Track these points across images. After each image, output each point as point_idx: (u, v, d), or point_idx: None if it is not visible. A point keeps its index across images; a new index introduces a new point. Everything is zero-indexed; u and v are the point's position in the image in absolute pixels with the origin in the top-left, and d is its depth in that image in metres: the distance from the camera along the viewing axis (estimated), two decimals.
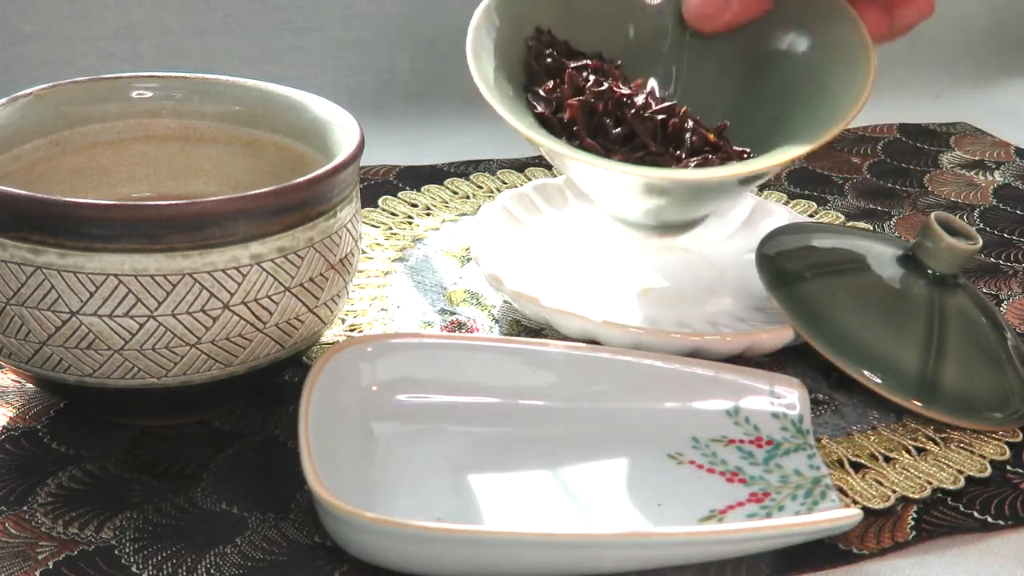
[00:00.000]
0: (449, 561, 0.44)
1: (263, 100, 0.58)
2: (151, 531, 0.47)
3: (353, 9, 0.94)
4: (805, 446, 0.52)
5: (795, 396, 0.53)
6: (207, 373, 0.49)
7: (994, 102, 1.05)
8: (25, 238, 0.46)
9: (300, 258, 0.49)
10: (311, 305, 0.50)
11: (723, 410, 0.53)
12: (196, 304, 0.47)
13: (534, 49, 0.62)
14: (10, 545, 0.46)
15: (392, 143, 0.86)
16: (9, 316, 0.47)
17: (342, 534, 0.44)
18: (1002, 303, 0.68)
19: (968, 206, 0.82)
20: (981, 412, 0.55)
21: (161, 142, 0.59)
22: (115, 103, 0.58)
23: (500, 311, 0.63)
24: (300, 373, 0.56)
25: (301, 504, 0.48)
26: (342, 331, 0.61)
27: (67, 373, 0.48)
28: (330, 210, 0.50)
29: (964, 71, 1.10)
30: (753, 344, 0.58)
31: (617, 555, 0.45)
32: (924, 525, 0.49)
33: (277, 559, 0.46)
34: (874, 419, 0.56)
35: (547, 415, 0.53)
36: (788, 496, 0.49)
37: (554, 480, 0.50)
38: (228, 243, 0.46)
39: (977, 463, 0.53)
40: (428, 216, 0.74)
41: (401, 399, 0.52)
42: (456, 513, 0.47)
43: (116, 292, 0.46)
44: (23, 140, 0.55)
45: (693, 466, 0.51)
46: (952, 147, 0.93)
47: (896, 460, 0.53)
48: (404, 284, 0.66)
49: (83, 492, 0.49)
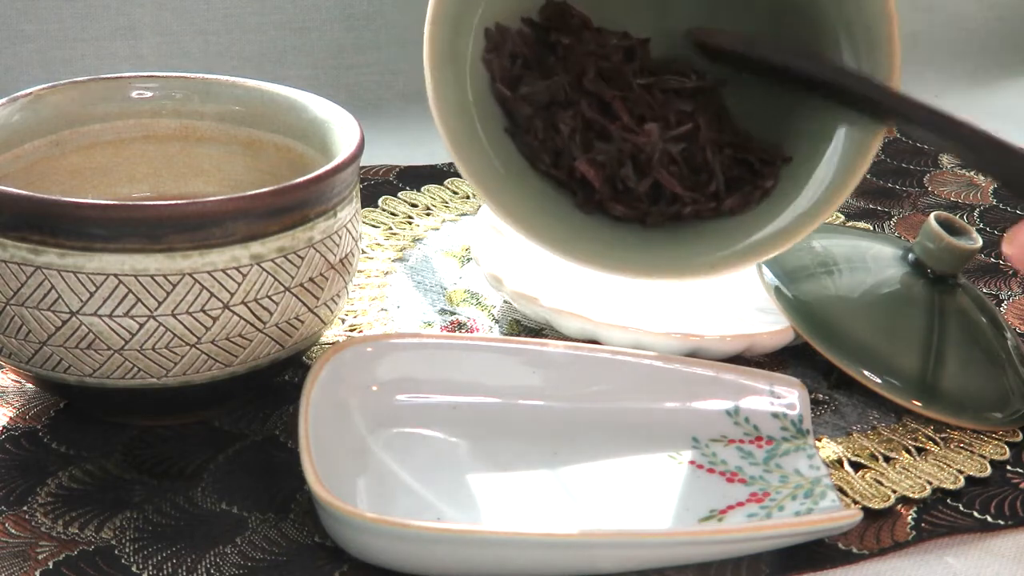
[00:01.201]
0: (449, 561, 0.44)
1: (263, 100, 0.58)
2: (151, 531, 0.47)
3: (353, 9, 0.94)
4: (805, 446, 0.52)
5: (795, 396, 0.53)
6: (207, 373, 0.49)
7: (994, 102, 1.05)
8: (25, 238, 0.46)
9: (300, 258, 0.49)
10: (311, 305, 0.50)
11: (723, 410, 0.53)
12: (196, 304, 0.47)
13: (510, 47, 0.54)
14: (10, 545, 0.46)
15: (392, 143, 0.85)
16: (9, 316, 0.47)
17: (342, 534, 0.44)
18: (1002, 303, 0.68)
19: (968, 206, 0.82)
20: (981, 412, 0.55)
21: (161, 142, 0.59)
22: (115, 103, 0.58)
23: (500, 311, 0.63)
24: (300, 373, 0.56)
25: (301, 504, 0.48)
26: (342, 331, 0.61)
27: (67, 373, 0.48)
28: (330, 210, 0.50)
29: (964, 71, 1.10)
30: (753, 344, 0.58)
31: (617, 555, 0.45)
32: (924, 525, 0.49)
33: (277, 559, 0.46)
34: (874, 419, 0.56)
35: (547, 415, 0.53)
36: (788, 496, 0.49)
37: (554, 480, 0.50)
38: (228, 243, 0.46)
39: (977, 463, 0.53)
40: (428, 216, 0.74)
41: (401, 399, 0.52)
42: (456, 513, 0.47)
43: (116, 292, 0.46)
44: (23, 140, 0.55)
45: (693, 466, 0.51)
46: None
47: (896, 460, 0.53)
48: (404, 284, 0.66)
49: (83, 492, 0.49)
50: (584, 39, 0.55)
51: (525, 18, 0.55)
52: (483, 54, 0.53)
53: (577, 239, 0.51)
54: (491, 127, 0.53)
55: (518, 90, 0.54)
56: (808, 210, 0.52)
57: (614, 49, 0.55)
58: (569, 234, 0.52)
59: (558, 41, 0.55)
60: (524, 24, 0.55)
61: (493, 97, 0.54)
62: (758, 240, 0.52)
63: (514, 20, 0.55)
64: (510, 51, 0.54)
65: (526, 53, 0.54)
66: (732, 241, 0.52)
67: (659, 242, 0.53)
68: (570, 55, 0.54)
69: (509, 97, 0.53)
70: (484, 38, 0.53)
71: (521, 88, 0.54)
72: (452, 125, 0.51)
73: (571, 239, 0.51)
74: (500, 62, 0.54)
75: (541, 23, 0.55)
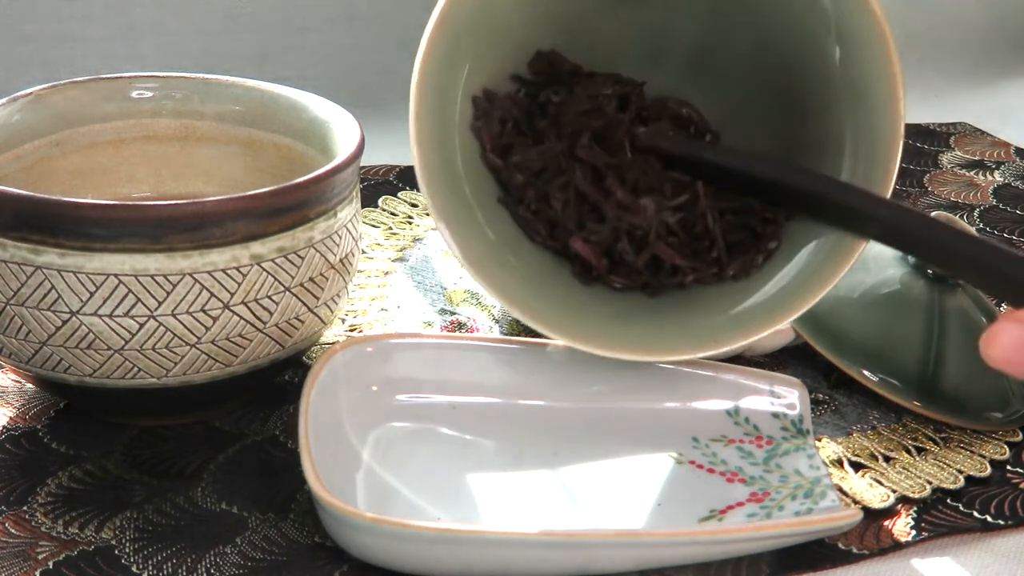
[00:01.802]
0: (449, 561, 0.44)
1: (263, 100, 0.58)
2: (151, 531, 0.47)
3: (353, 9, 0.94)
4: (805, 446, 0.52)
5: (795, 396, 0.53)
6: (207, 373, 0.49)
7: (994, 102, 1.05)
8: (25, 238, 0.46)
9: (300, 258, 0.49)
10: (311, 305, 0.50)
11: (723, 410, 0.53)
12: (196, 304, 0.47)
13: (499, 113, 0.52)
14: (10, 545, 0.46)
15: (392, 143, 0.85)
16: (9, 316, 0.47)
17: (342, 534, 0.44)
18: (1002, 303, 0.68)
19: (968, 206, 0.82)
20: (981, 412, 0.55)
21: (161, 142, 0.59)
22: (115, 103, 0.58)
23: (500, 311, 0.63)
24: (300, 373, 0.56)
25: (301, 504, 0.48)
26: (342, 331, 0.61)
27: (67, 373, 0.48)
28: (330, 210, 0.50)
29: (964, 71, 1.10)
30: (753, 344, 0.57)
31: (617, 555, 0.45)
32: (924, 525, 0.49)
33: (277, 559, 0.46)
34: (874, 419, 0.56)
35: (547, 415, 0.53)
36: (788, 496, 0.49)
37: (554, 480, 0.50)
38: (228, 243, 0.46)
39: (977, 463, 0.53)
40: (428, 216, 0.74)
41: (401, 399, 0.52)
42: (456, 513, 0.47)
43: (116, 292, 0.46)
44: (23, 140, 0.55)
45: (693, 466, 0.51)
46: (952, 147, 0.93)
47: (896, 460, 0.53)
48: (404, 284, 0.66)
49: (83, 492, 0.49)
50: (575, 94, 0.53)
51: (514, 75, 0.53)
52: (471, 123, 0.52)
53: (575, 317, 0.50)
54: (484, 197, 0.52)
55: (510, 158, 0.52)
56: (820, 267, 0.49)
57: (607, 99, 0.54)
58: (567, 312, 0.50)
59: (548, 100, 0.53)
60: (514, 81, 0.53)
61: (484, 167, 0.52)
62: (766, 305, 0.50)
63: (503, 79, 0.53)
64: (499, 116, 0.52)
65: (516, 116, 0.53)
66: (738, 307, 0.50)
67: (662, 311, 0.52)
68: (563, 113, 0.53)
69: (500, 166, 0.52)
70: (472, 105, 0.51)
71: (513, 156, 0.52)
72: (440, 198, 0.49)
73: (569, 318, 0.49)
74: (489, 130, 0.52)
75: (531, 78, 0.54)
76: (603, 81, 0.54)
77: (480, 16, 0.50)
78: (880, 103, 0.49)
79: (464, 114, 0.51)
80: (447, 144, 0.50)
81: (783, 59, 0.52)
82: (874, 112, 0.49)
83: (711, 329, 0.50)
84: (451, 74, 0.50)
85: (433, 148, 0.49)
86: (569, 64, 0.54)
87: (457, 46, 0.50)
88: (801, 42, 0.51)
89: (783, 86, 0.53)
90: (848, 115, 0.50)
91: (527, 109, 0.54)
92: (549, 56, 0.54)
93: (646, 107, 0.55)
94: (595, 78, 0.54)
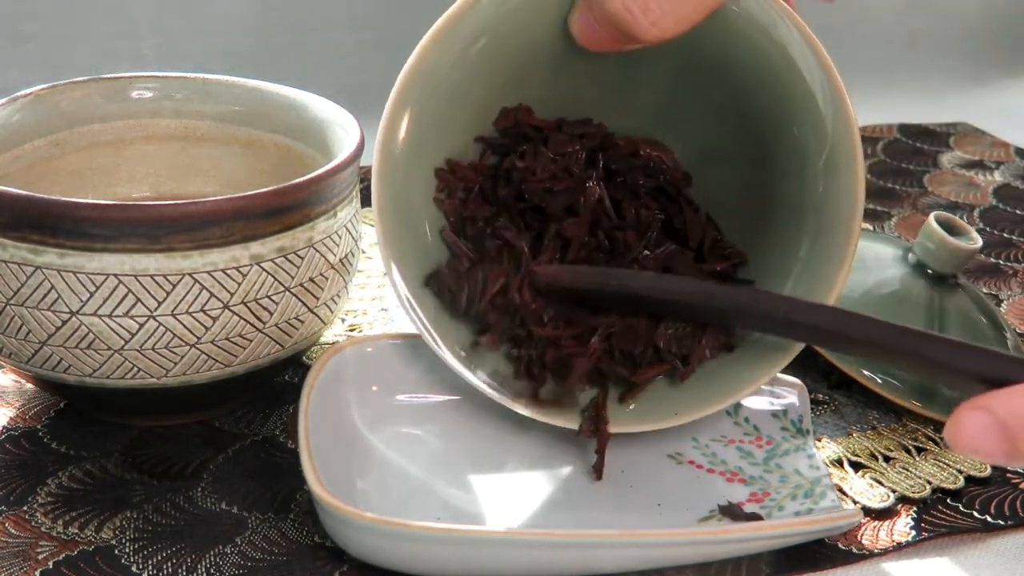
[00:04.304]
0: (449, 561, 0.44)
1: (263, 100, 0.58)
2: (151, 531, 0.47)
3: (353, 9, 0.94)
4: (805, 446, 0.52)
5: (795, 396, 0.53)
6: (207, 373, 0.49)
7: (994, 102, 1.05)
8: (25, 238, 0.46)
9: (300, 258, 0.49)
10: (311, 305, 0.50)
11: (723, 410, 0.53)
12: (196, 304, 0.47)
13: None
14: (10, 545, 0.46)
15: None
16: (9, 316, 0.47)
17: (342, 534, 0.44)
18: (1002, 303, 0.68)
19: (968, 206, 0.82)
20: None
21: (161, 142, 0.59)
22: (115, 103, 0.58)
23: None
24: (300, 373, 0.56)
25: (301, 504, 0.48)
26: (342, 331, 0.61)
27: (67, 373, 0.48)
28: (330, 210, 0.50)
29: (964, 71, 1.10)
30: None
31: (617, 555, 0.45)
32: (924, 525, 0.49)
33: (277, 559, 0.46)
34: (874, 419, 0.56)
35: None
36: (788, 496, 0.49)
37: (554, 480, 0.50)
38: (228, 243, 0.46)
39: (977, 463, 0.53)
40: None
41: (401, 399, 0.52)
42: (456, 513, 0.47)
43: (116, 292, 0.46)
44: (23, 140, 0.55)
45: (693, 466, 0.51)
46: (952, 147, 0.93)
47: (896, 460, 0.53)
48: None
49: (83, 492, 0.49)
50: (541, 153, 0.51)
51: (478, 137, 0.52)
52: (434, 194, 0.50)
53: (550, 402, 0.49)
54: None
55: (463, 235, 0.50)
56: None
57: (574, 158, 0.51)
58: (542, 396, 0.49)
59: (513, 166, 0.51)
60: (479, 143, 0.52)
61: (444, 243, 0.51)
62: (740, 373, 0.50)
63: (470, 143, 0.51)
64: (463, 187, 0.51)
65: (481, 184, 0.51)
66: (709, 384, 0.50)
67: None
68: (526, 179, 0.51)
69: (453, 242, 0.50)
70: (436, 177, 0.50)
71: (462, 269, 0.50)
72: (404, 275, 0.48)
73: (542, 404, 0.49)
74: (452, 203, 0.51)
75: (498, 139, 0.52)
76: (568, 139, 0.52)
77: (439, 84, 0.48)
78: (844, 178, 0.48)
79: (430, 187, 0.50)
80: (414, 219, 0.50)
81: (753, 117, 0.51)
82: (839, 185, 0.48)
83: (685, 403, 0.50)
84: (414, 149, 0.49)
85: (397, 223, 0.48)
86: (536, 120, 0.52)
87: (419, 124, 0.48)
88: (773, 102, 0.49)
89: (754, 139, 0.51)
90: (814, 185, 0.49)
91: (494, 174, 0.52)
92: (515, 113, 0.52)
93: (616, 159, 0.53)
94: (562, 133, 0.52)
